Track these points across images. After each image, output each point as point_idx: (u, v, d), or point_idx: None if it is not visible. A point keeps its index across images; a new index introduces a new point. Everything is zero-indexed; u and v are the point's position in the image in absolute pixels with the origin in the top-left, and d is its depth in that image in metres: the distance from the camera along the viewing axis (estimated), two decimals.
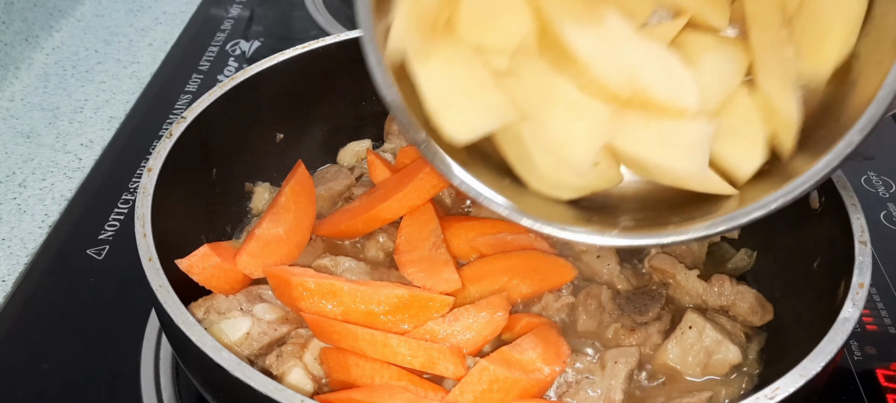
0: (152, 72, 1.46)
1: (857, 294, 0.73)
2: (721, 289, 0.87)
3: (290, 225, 0.93)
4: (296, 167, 1.01)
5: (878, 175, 1.26)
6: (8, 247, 1.09)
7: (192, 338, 0.67)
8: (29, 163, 1.24)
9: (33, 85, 1.42)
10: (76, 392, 0.90)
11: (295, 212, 0.95)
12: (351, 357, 0.77)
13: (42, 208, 1.16)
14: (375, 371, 0.76)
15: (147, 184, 0.82)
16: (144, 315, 0.97)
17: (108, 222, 1.12)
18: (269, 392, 0.63)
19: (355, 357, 0.77)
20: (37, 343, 0.95)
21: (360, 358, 0.77)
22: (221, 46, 1.53)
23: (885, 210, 1.19)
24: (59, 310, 0.99)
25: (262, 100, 1.01)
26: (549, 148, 0.69)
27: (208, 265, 0.84)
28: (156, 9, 1.68)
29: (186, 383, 0.90)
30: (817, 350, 0.69)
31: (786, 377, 0.66)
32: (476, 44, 0.68)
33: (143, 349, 0.94)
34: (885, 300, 1.04)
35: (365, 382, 0.76)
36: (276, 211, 0.94)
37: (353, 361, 0.77)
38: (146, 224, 0.78)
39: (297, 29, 1.61)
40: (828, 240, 0.85)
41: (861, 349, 0.98)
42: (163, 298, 0.71)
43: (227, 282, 0.86)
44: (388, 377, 0.76)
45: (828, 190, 0.87)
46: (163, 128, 1.30)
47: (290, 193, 0.96)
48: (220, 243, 0.93)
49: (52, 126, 1.32)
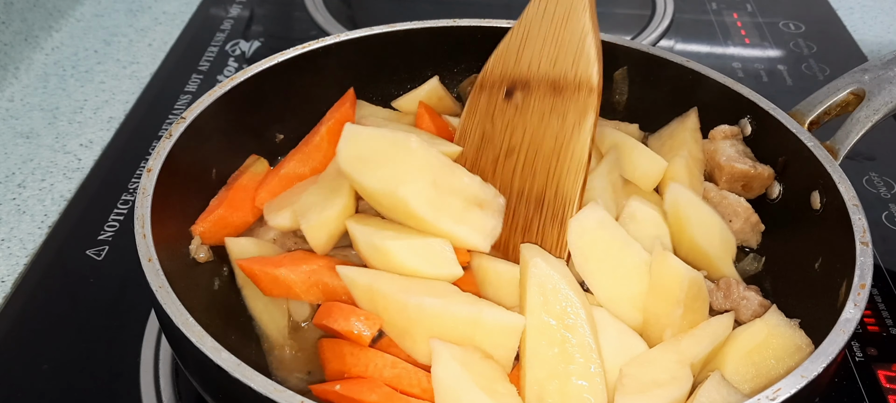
0: (152, 72, 1.46)
1: (859, 294, 0.73)
2: (727, 293, 0.87)
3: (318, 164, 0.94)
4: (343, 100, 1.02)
5: (880, 175, 1.26)
6: (7, 248, 1.09)
7: (191, 339, 0.67)
8: (28, 164, 1.24)
9: (33, 85, 1.42)
10: (75, 393, 0.90)
11: (326, 152, 0.96)
12: (347, 347, 0.78)
13: (41, 208, 1.16)
14: (369, 359, 0.77)
15: (147, 185, 0.82)
16: (144, 315, 0.97)
17: (108, 223, 1.12)
18: (269, 392, 0.63)
19: (351, 347, 0.78)
20: (36, 344, 0.95)
21: (355, 348, 0.78)
22: (221, 47, 1.53)
23: (886, 210, 1.19)
24: (59, 311, 0.99)
25: (261, 100, 1.01)
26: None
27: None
28: (155, 9, 1.68)
29: (186, 384, 0.90)
30: (819, 350, 0.69)
31: (787, 378, 0.66)
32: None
33: (142, 350, 0.93)
34: (886, 301, 1.04)
35: (359, 371, 0.77)
36: (308, 150, 0.95)
37: (349, 351, 0.77)
38: (146, 224, 0.78)
39: (296, 29, 1.61)
40: (829, 241, 0.85)
41: (862, 350, 0.97)
42: (162, 299, 0.71)
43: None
44: (382, 366, 0.76)
45: (829, 190, 0.87)
46: (162, 128, 1.30)
47: (327, 133, 0.97)
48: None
49: (52, 126, 1.32)
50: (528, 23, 0.90)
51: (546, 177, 0.86)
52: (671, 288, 0.80)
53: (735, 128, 1.02)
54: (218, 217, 0.92)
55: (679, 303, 0.79)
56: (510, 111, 0.90)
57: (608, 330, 0.78)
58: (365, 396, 0.73)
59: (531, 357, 0.75)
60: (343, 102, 1.04)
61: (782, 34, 1.64)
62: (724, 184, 0.99)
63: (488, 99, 0.92)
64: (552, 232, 0.85)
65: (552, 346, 0.74)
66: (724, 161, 0.98)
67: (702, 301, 0.83)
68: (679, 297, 0.79)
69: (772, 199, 0.99)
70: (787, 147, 0.95)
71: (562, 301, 0.76)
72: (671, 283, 0.80)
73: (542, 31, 0.88)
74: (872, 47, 1.63)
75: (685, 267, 0.81)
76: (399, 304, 0.77)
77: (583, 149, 0.84)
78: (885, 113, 0.94)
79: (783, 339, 0.78)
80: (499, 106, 0.91)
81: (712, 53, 1.58)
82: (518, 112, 0.89)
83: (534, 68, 0.88)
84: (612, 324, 0.79)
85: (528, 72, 0.89)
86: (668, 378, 0.74)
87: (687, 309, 0.80)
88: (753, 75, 1.50)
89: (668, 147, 1.03)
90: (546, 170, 0.86)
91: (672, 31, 1.63)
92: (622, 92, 1.12)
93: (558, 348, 0.74)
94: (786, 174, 0.97)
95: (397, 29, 1.10)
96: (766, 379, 0.76)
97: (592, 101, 0.84)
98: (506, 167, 0.89)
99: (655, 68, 1.08)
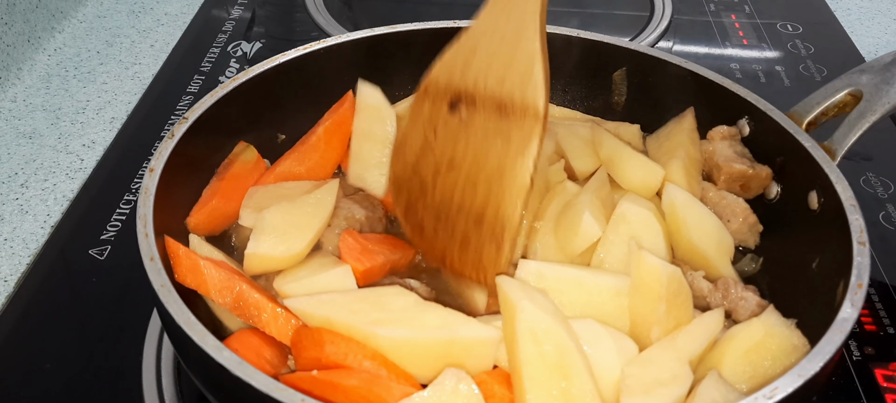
0: (154, 73, 1.46)
1: (856, 294, 0.74)
2: (725, 293, 0.88)
3: (314, 164, 0.93)
4: (342, 101, 1.02)
5: (877, 175, 1.26)
6: (10, 248, 1.09)
7: (193, 338, 0.68)
8: (31, 164, 1.24)
9: (35, 86, 1.42)
10: (78, 392, 0.90)
11: (323, 153, 0.95)
12: (327, 334, 0.75)
13: (44, 208, 1.16)
14: (350, 348, 0.74)
15: (149, 185, 0.82)
16: (146, 315, 0.97)
17: (111, 222, 1.12)
18: (271, 391, 0.63)
19: (331, 335, 0.75)
20: (39, 344, 0.95)
21: (335, 336, 0.75)
22: (223, 48, 1.54)
23: (883, 210, 1.20)
24: (61, 311, 1.00)
25: (263, 101, 1.02)
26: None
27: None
28: (157, 10, 1.68)
29: (188, 383, 0.90)
30: (816, 350, 0.69)
31: (784, 377, 0.66)
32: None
33: (144, 349, 0.94)
34: (883, 300, 1.04)
35: (338, 361, 0.74)
36: (304, 150, 0.94)
37: (329, 338, 0.75)
38: (148, 224, 0.78)
39: (298, 30, 1.61)
40: (826, 241, 0.85)
41: (860, 349, 0.98)
42: (164, 298, 0.71)
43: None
44: (362, 357, 0.74)
45: (826, 191, 0.87)
46: (164, 128, 1.31)
47: (324, 134, 0.96)
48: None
49: (55, 127, 1.33)
50: (477, 36, 0.86)
51: (487, 195, 0.84)
52: (651, 285, 0.80)
53: (733, 129, 1.02)
54: (212, 208, 0.92)
55: (661, 299, 0.80)
56: (454, 123, 0.86)
57: (600, 337, 0.77)
58: (344, 380, 0.71)
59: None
60: (341, 103, 1.05)
61: (780, 35, 1.65)
62: (723, 185, 1.00)
63: (432, 108, 0.88)
64: (490, 250, 0.84)
65: (551, 391, 0.73)
66: (723, 161, 0.99)
67: (684, 296, 0.83)
68: (661, 293, 0.80)
69: (770, 200, 0.99)
70: (784, 147, 0.95)
71: (556, 345, 0.74)
72: (651, 281, 0.80)
73: (491, 48, 0.84)
74: (870, 48, 1.63)
75: (662, 264, 0.81)
76: (365, 336, 0.74)
77: (524, 174, 0.81)
78: (882, 114, 0.94)
79: (780, 339, 0.78)
80: (443, 116, 0.87)
81: (710, 54, 1.58)
82: (462, 126, 0.85)
83: (480, 85, 0.84)
84: (601, 331, 0.78)
85: (475, 88, 0.84)
86: (670, 377, 0.74)
87: (670, 305, 0.80)
88: (751, 76, 1.51)
89: (665, 148, 1.03)
90: (487, 189, 0.84)
91: (670, 32, 1.64)
92: (621, 93, 1.13)
93: (557, 391, 0.72)
94: (783, 174, 0.98)
95: (397, 29, 1.10)
96: (763, 379, 0.77)
97: (537, 129, 0.81)
98: (447, 179, 0.86)
99: (654, 69, 1.09)
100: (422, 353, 0.75)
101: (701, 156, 1.03)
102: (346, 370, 0.73)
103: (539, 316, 0.75)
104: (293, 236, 0.87)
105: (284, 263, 0.87)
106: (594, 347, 0.76)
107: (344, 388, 0.71)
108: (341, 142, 1.01)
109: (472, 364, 0.76)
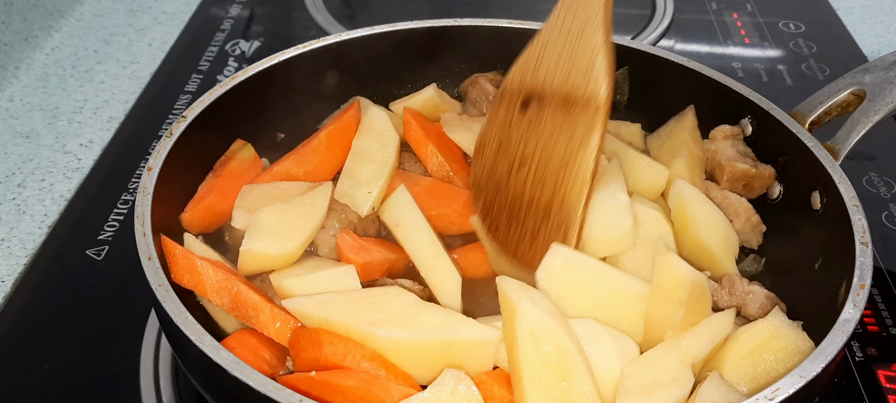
0: (152, 72, 1.46)
1: (858, 295, 0.73)
2: (731, 289, 0.87)
3: (313, 168, 0.94)
4: (349, 108, 1.03)
5: (880, 175, 1.26)
6: (7, 248, 1.09)
7: (191, 338, 0.67)
8: (28, 164, 1.24)
9: (33, 85, 1.42)
10: (76, 392, 0.90)
11: (323, 157, 0.96)
12: (325, 335, 0.75)
13: (41, 208, 1.16)
14: (348, 348, 0.74)
15: (147, 184, 0.82)
16: (144, 315, 0.97)
17: (108, 222, 1.12)
18: (268, 391, 0.63)
19: (330, 336, 0.75)
20: (36, 344, 0.95)
21: (334, 336, 0.75)
22: (221, 46, 1.53)
23: (886, 210, 1.19)
24: (59, 311, 0.99)
25: (262, 100, 1.01)
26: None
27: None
28: (155, 9, 1.68)
29: (186, 383, 0.90)
30: (818, 350, 0.69)
31: (786, 377, 0.66)
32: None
33: (142, 349, 0.93)
34: (886, 301, 1.04)
35: (337, 361, 0.74)
36: (304, 152, 0.95)
37: (327, 339, 0.75)
38: (146, 223, 0.78)
39: (296, 29, 1.61)
40: (829, 241, 0.85)
41: (862, 350, 0.97)
42: (162, 298, 0.71)
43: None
44: (361, 358, 0.73)
45: (829, 191, 0.87)
46: (162, 127, 1.30)
47: (325, 139, 0.97)
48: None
49: (52, 126, 1.32)
50: (547, 36, 0.91)
51: (554, 188, 0.87)
52: (673, 289, 0.80)
53: (736, 129, 1.02)
54: (207, 205, 0.91)
55: (681, 305, 0.79)
56: (525, 123, 0.91)
57: (600, 337, 0.77)
58: (342, 381, 0.71)
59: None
60: (346, 110, 1.04)
61: (782, 34, 1.64)
62: (726, 184, 0.99)
63: (507, 109, 0.93)
64: (557, 240, 0.86)
65: (551, 392, 0.73)
66: (725, 161, 0.98)
67: (704, 303, 0.82)
68: (681, 298, 0.79)
69: (772, 199, 0.99)
70: (787, 147, 0.95)
71: (555, 345, 0.73)
72: (673, 285, 0.80)
73: (558, 45, 0.89)
74: (873, 47, 1.63)
75: (688, 269, 0.80)
76: (364, 336, 0.74)
77: (587, 165, 0.85)
78: (885, 113, 0.94)
79: (785, 341, 0.78)
80: (516, 117, 0.92)
81: (712, 53, 1.58)
82: (532, 124, 0.90)
83: (548, 81, 0.89)
84: (601, 331, 0.78)
85: (544, 85, 0.89)
86: (670, 379, 0.74)
87: (688, 311, 0.80)
88: (753, 75, 1.50)
89: (668, 147, 1.03)
90: (554, 181, 0.87)
91: (672, 30, 1.63)
92: (623, 92, 1.12)
93: (556, 392, 0.72)
94: (786, 174, 0.98)
95: (397, 29, 1.10)
96: (764, 380, 0.76)
97: (599, 120, 0.85)
98: (519, 176, 0.91)
99: (656, 68, 1.08)
100: (421, 354, 0.74)
101: (704, 155, 1.02)
102: (344, 370, 0.73)
103: (539, 317, 0.74)
104: (288, 235, 0.87)
105: (279, 262, 0.86)
106: (594, 347, 0.76)
107: (342, 389, 0.70)
108: (342, 149, 1.00)
109: (472, 365, 0.75)
